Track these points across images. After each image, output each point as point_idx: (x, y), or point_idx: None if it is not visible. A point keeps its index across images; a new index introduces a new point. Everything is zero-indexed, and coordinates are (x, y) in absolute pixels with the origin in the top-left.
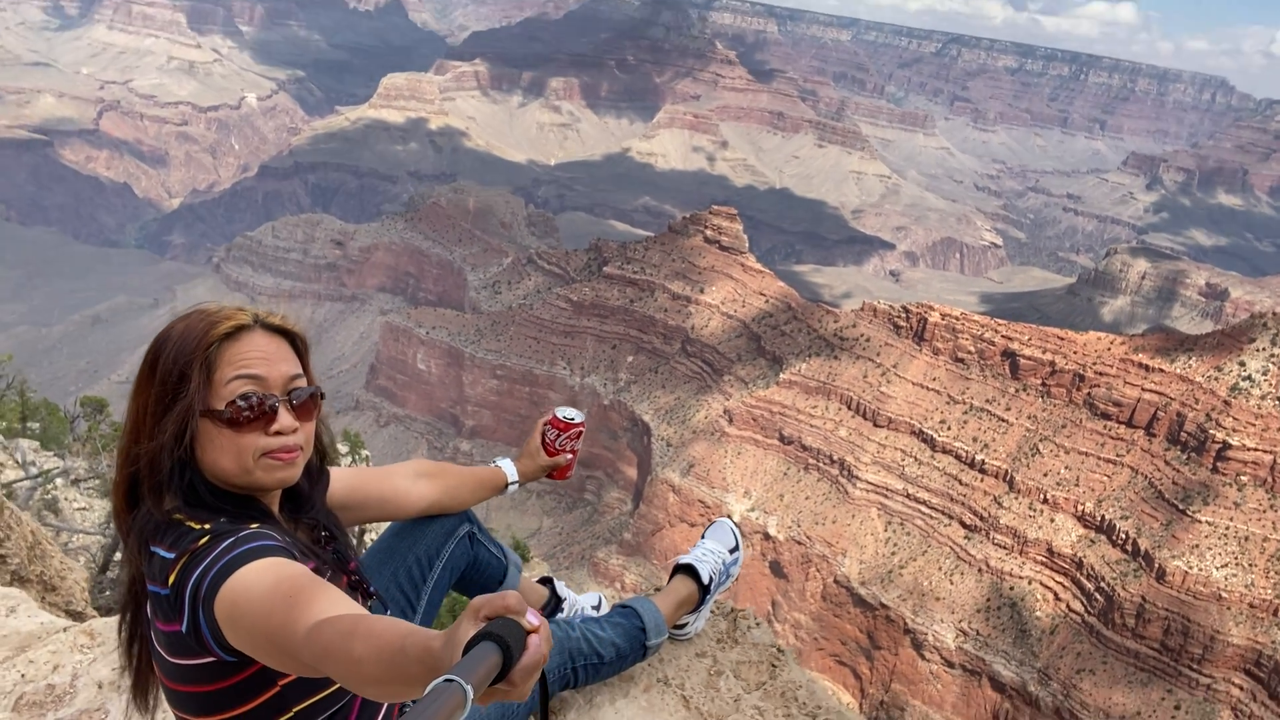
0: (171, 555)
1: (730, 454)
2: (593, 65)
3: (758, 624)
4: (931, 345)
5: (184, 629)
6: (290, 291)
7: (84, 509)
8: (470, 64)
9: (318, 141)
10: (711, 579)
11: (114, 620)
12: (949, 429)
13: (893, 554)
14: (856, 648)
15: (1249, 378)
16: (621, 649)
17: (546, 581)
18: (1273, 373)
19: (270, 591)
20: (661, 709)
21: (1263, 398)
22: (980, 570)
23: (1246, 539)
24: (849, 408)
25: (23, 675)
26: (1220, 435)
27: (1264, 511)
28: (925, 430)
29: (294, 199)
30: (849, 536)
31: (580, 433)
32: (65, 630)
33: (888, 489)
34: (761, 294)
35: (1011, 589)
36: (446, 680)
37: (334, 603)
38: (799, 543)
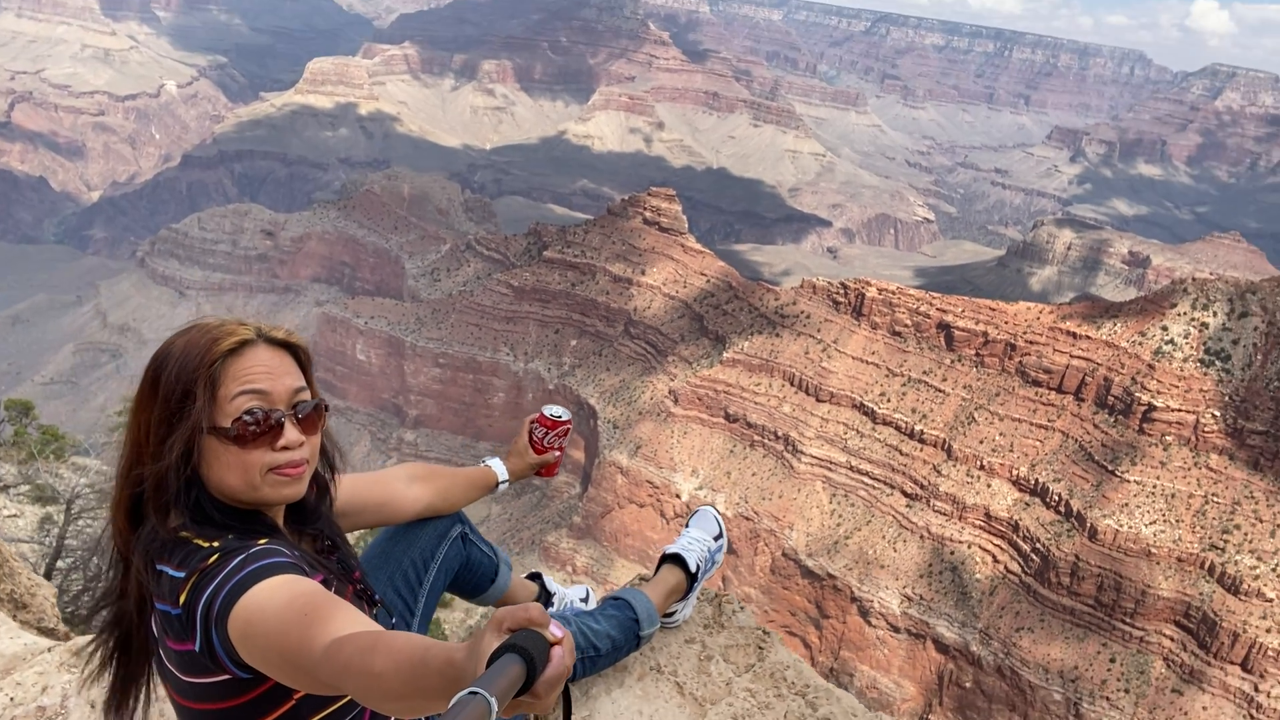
0: (181, 574)
1: (677, 434)
2: (525, 47)
3: (741, 608)
4: (870, 320)
5: (197, 648)
6: (220, 284)
7: (14, 515)
8: (399, 47)
9: (243, 129)
10: (698, 567)
11: (95, 639)
12: (889, 401)
13: (838, 525)
14: (805, 617)
15: (1171, 341)
16: (617, 640)
17: (535, 577)
18: (1194, 336)
19: (284, 609)
20: (656, 696)
21: (1185, 360)
22: (922, 537)
23: (1173, 496)
24: (792, 384)
25: (11, 698)
26: (1145, 398)
27: (1188, 469)
28: (866, 403)
29: (220, 189)
30: (795, 510)
31: (568, 430)
32: (50, 650)
33: (831, 462)
34: (702, 274)
35: (952, 553)
36: (470, 693)
37: (350, 620)
38: (747, 518)
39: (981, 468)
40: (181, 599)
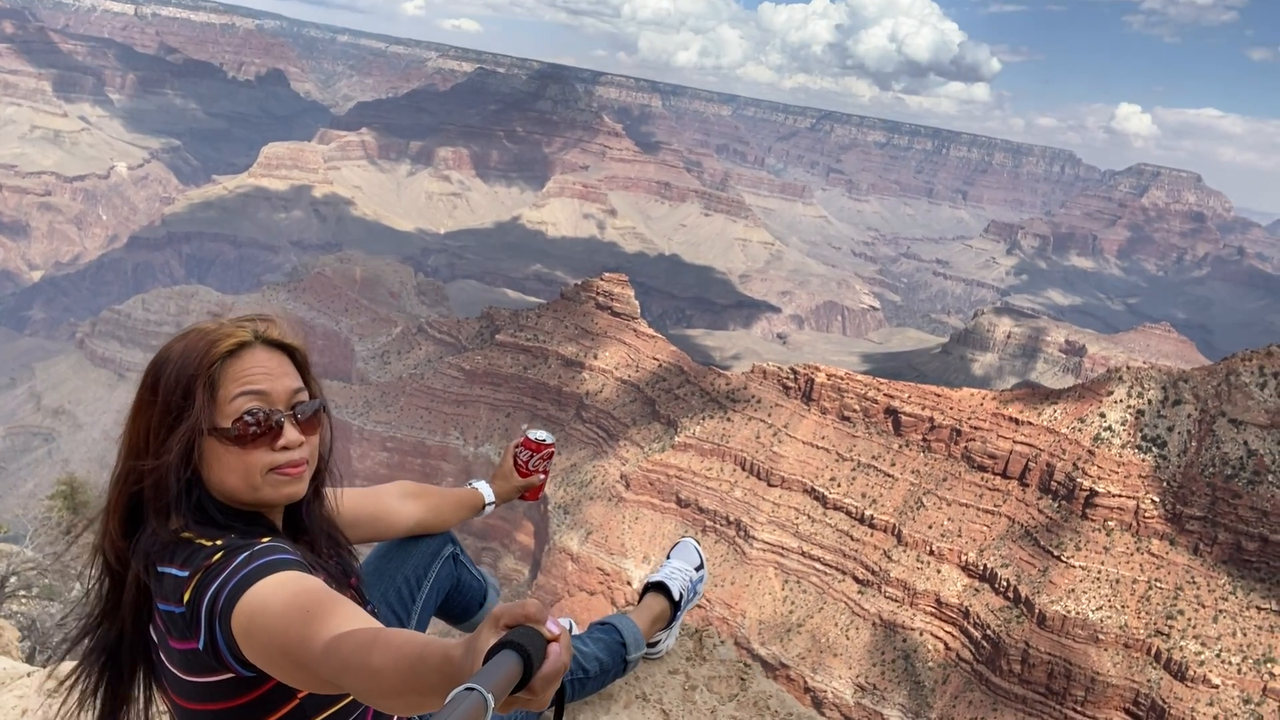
0: (185, 573)
1: (628, 519)
2: (482, 135)
3: (723, 642)
4: (819, 405)
5: (200, 645)
6: None
7: None
8: (356, 133)
9: (194, 210)
10: (681, 595)
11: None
12: (839, 486)
13: (790, 612)
14: (763, 668)
15: (1109, 428)
16: (605, 663)
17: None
18: (1130, 422)
19: (287, 605)
20: None
21: (1123, 446)
22: (874, 624)
23: (1118, 581)
24: (743, 468)
25: None
26: (1087, 483)
27: (1131, 554)
28: (817, 488)
29: (167, 270)
30: (748, 597)
31: (551, 453)
32: (29, 675)
33: (783, 548)
34: (654, 358)
35: (904, 640)
36: (467, 689)
37: (350, 617)
38: (699, 606)
39: (931, 553)
40: (185, 596)
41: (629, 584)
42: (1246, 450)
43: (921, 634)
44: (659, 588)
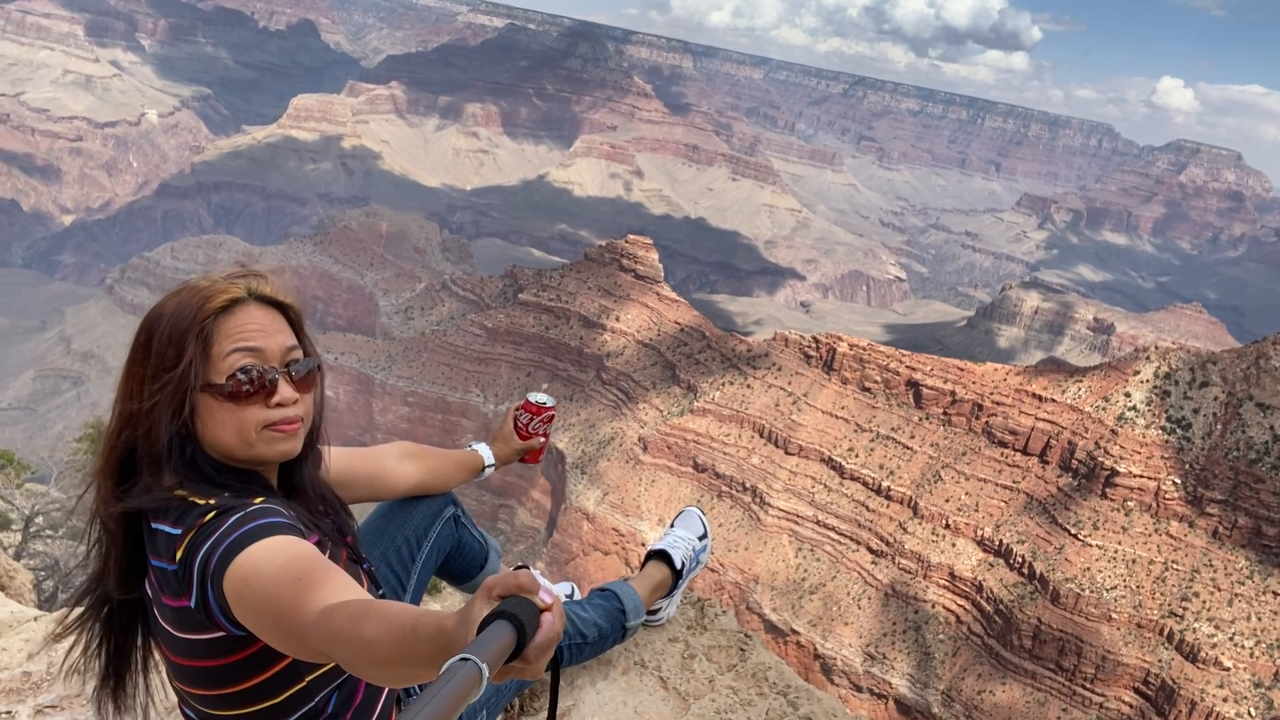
0: (178, 531)
1: (644, 482)
2: (511, 93)
3: (724, 612)
4: (840, 375)
5: (193, 604)
6: None
7: None
8: (385, 87)
9: (223, 160)
10: (683, 564)
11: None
12: (857, 456)
13: (803, 579)
14: (764, 640)
15: (1134, 408)
16: (603, 629)
17: (523, 569)
18: (1156, 403)
19: (280, 571)
20: (640, 689)
21: (1147, 427)
22: (886, 595)
23: (1134, 561)
24: (761, 436)
25: None
26: (1108, 463)
27: (1149, 535)
28: (834, 458)
29: (196, 219)
30: (761, 563)
31: (552, 416)
32: (36, 619)
33: (798, 516)
34: (676, 322)
35: (916, 612)
36: (461, 659)
37: (343, 587)
38: (712, 570)
39: (947, 526)
40: (178, 555)
41: (643, 545)
42: (1272, 435)
43: (933, 606)
44: (661, 556)
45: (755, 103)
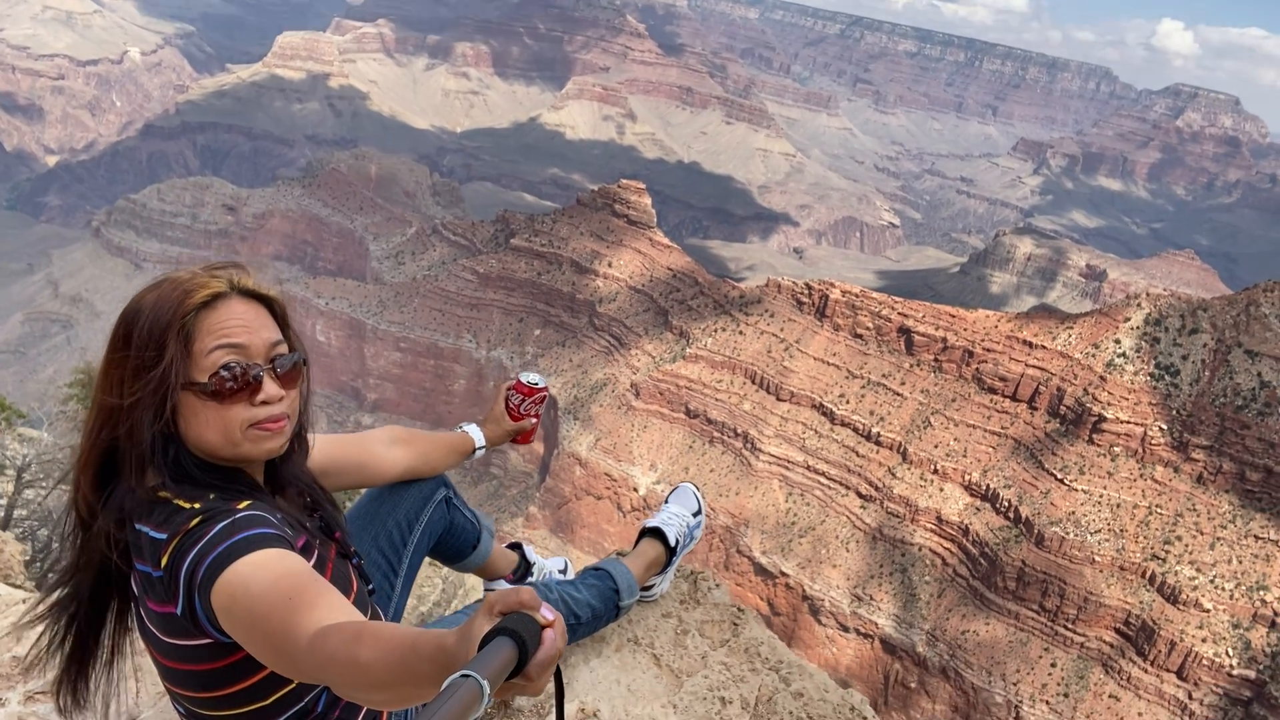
0: (163, 536)
1: (637, 427)
2: (501, 32)
3: (718, 585)
4: (832, 321)
5: (179, 612)
6: (178, 258)
7: None
8: (373, 25)
9: (208, 100)
10: (678, 541)
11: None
12: (848, 403)
13: (793, 523)
14: (757, 614)
15: (1123, 355)
16: (597, 609)
17: (516, 547)
18: (1145, 350)
19: (269, 590)
20: (634, 667)
21: (1135, 373)
22: (874, 538)
23: (1118, 506)
24: (753, 382)
25: None
26: (1096, 409)
27: (1134, 480)
28: (825, 404)
29: (181, 161)
30: (751, 508)
31: (544, 397)
32: (25, 602)
33: (789, 461)
34: (669, 268)
35: (903, 555)
36: (463, 675)
37: (335, 607)
38: (710, 517)
39: (935, 472)
40: (163, 561)
41: (635, 490)
42: (1260, 382)
43: (920, 549)
44: (655, 533)
45: (750, 43)
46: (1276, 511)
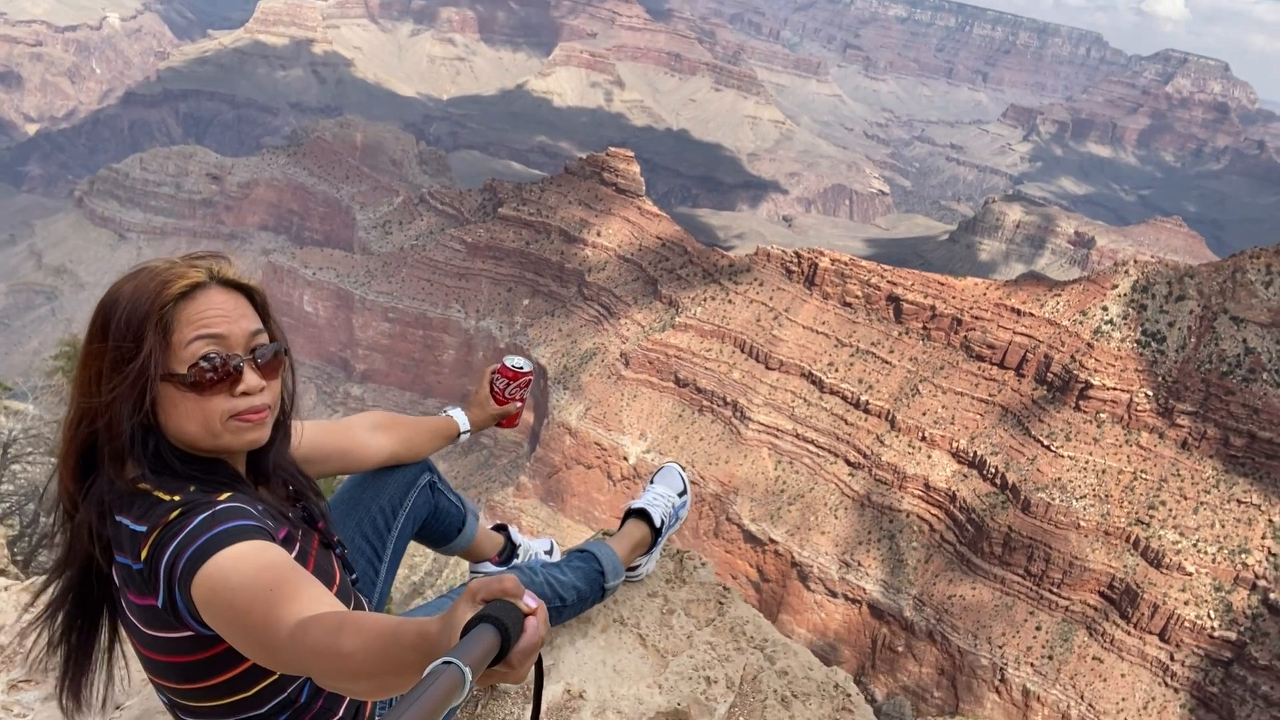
0: (143, 529)
1: (626, 397)
2: None
3: (703, 564)
4: (822, 290)
5: (160, 604)
6: (163, 228)
7: None
8: None
9: (190, 66)
10: (663, 522)
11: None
12: (836, 371)
13: (782, 491)
14: (747, 581)
15: (1111, 321)
16: (582, 591)
17: (501, 529)
18: (1132, 317)
19: (250, 582)
20: (620, 647)
21: (1122, 340)
22: (863, 505)
23: (1104, 471)
24: (742, 351)
25: None
26: (1083, 375)
27: (1120, 446)
28: (814, 372)
29: (164, 129)
30: (741, 476)
31: (529, 381)
32: (6, 589)
33: (778, 429)
34: (657, 237)
35: (891, 521)
36: (445, 662)
37: (316, 598)
38: (693, 483)
39: (923, 439)
40: (143, 554)
41: (625, 459)
42: (1245, 348)
43: (908, 516)
44: (640, 514)
45: (739, 8)
46: (1259, 476)
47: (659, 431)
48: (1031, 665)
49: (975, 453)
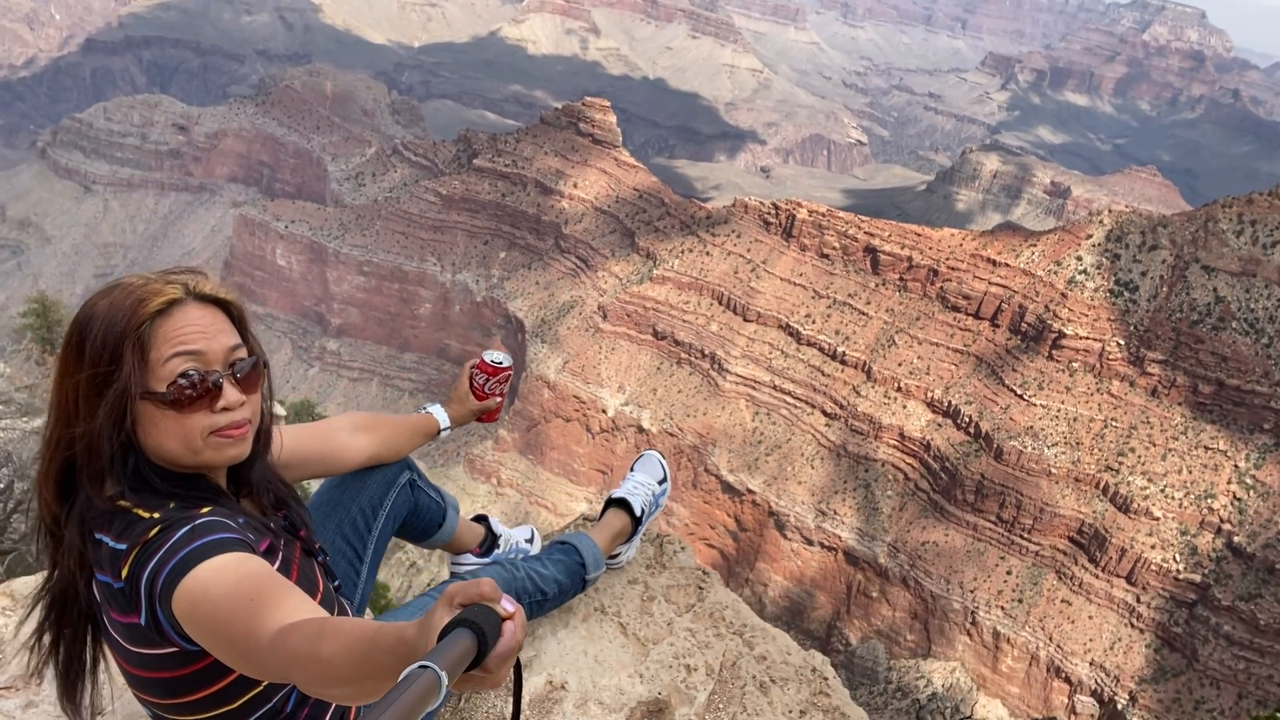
0: (123, 546)
1: (604, 350)
2: None
3: (682, 548)
4: (799, 241)
5: (143, 621)
6: (129, 180)
7: None
8: None
9: (152, 12)
10: (643, 510)
11: (34, 579)
12: (814, 323)
13: (759, 442)
14: (724, 530)
15: (1084, 271)
16: (564, 584)
17: (481, 519)
18: (1105, 267)
19: (230, 593)
20: (601, 637)
21: (1095, 290)
22: (839, 455)
23: (1075, 420)
24: (720, 303)
25: None
26: (1056, 325)
27: (1091, 395)
28: (792, 324)
29: (127, 77)
30: (719, 427)
31: (508, 376)
32: None
33: (756, 381)
34: (634, 188)
35: (866, 471)
36: (421, 666)
37: (297, 606)
38: (671, 435)
39: (899, 389)
40: (124, 572)
41: (604, 412)
42: (1215, 296)
43: (883, 465)
44: (621, 504)
45: None
46: (1226, 423)
47: (637, 384)
48: (1002, 608)
49: (950, 402)
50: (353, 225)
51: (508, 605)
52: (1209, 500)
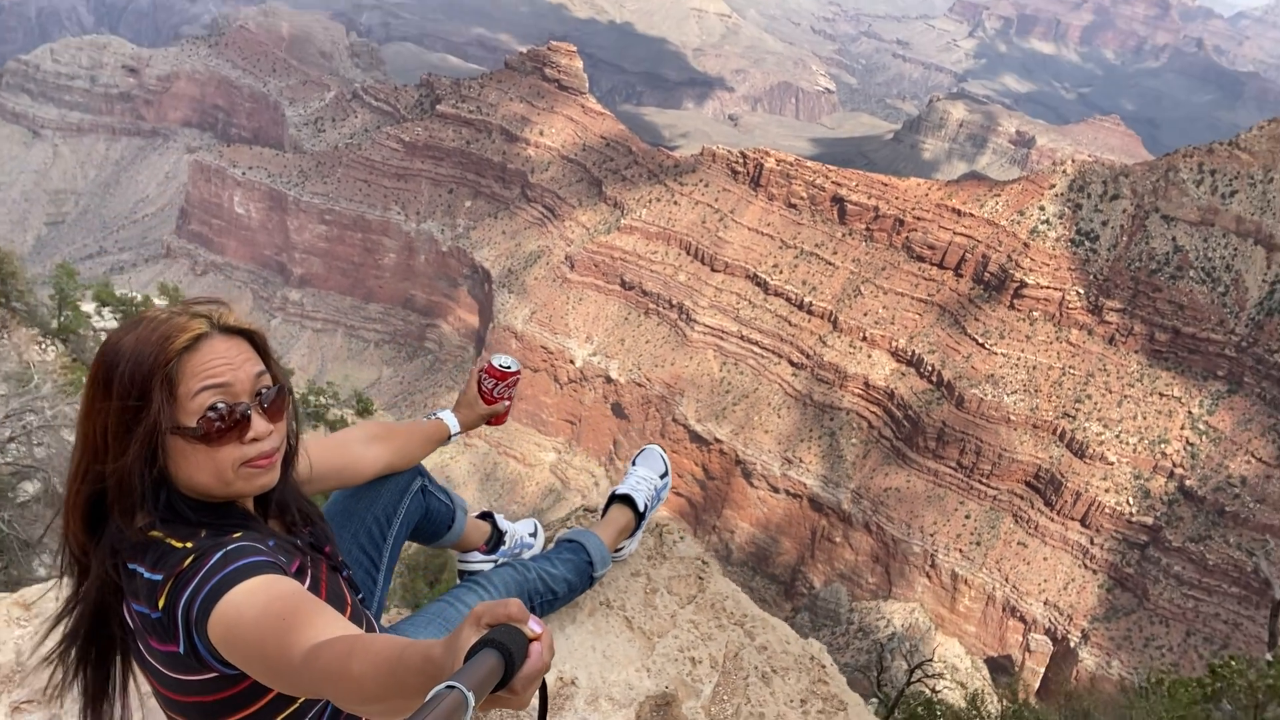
0: (159, 577)
1: (572, 300)
2: None
3: (682, 537)
4: (767, 190)
5: (182, 650)
6: (79, 125)
7: None
8: None
9: None
10: (646, 505)
11: (45, 587)
12: (781, 273)
13: (727, 392)
14: (693, 479)
15: (1047, 221)
16: (573, 583)
17: (487, 516)
18: (1067, 216)
19: (262, 614)
20: (607, 631)
21: (1057, 239)
22: (804, 404)
23: (1034, 368)
24: (688, 253)
25: None
26: (1018, 275)
27: (1050, 343)
28: (759, 274)
29: (74, 17)
30: (687, 377)
31: (517, 380)
32: None
33: (723, 331)
34: (601, 136)
35: (831, 419)
36: (447, 686)
37: (328, 624)
38: (639, 385)
39: (864, 339)
40: (160, 603)
41: (572, 363)
42: (1174, 246)
43: (848, 414)
44: (624, 500)
45: None
46: (1181, 370)
47: (605, 334)
48: (960, 551)
49: (913, 351)
50: (313, 172)
51: (535, 626)
52: (1162, 445)
